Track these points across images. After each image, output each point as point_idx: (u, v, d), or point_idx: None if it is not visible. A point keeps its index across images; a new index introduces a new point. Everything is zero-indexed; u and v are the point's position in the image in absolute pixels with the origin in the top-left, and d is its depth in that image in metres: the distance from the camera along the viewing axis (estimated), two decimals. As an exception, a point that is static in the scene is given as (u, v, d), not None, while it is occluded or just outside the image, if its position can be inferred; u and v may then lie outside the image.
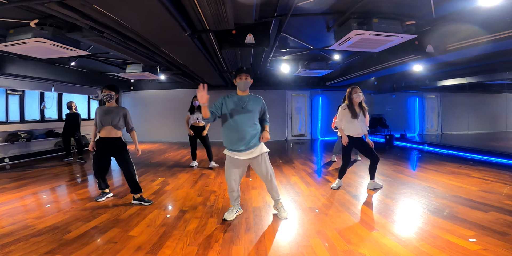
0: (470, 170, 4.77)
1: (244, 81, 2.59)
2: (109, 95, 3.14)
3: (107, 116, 3.13)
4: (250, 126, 2.54)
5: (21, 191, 3.75)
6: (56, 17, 3.16)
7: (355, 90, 3.51)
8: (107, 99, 3.16)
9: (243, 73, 2.58)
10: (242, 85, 2.60)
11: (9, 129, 6.06)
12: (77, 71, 7.19)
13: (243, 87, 2.61)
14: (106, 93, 3.12)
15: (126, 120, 3.25)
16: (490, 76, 7.55)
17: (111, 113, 3.14)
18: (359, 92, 3.50)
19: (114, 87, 3.19)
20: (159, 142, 9.81)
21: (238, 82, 2.60)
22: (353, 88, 3.54)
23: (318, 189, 3.74)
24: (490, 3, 2.89)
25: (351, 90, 3.53)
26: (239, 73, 2.59)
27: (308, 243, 2.20)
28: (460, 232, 2.31)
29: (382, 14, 3.42)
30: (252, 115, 2.56)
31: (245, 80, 2.59)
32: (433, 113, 11.52)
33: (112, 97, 3.16)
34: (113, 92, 3.16)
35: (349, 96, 3.54)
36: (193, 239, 2.28)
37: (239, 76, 2.58)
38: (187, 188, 3.86)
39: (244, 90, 2.64)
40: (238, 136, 2.52)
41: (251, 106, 2.58)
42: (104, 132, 3.14)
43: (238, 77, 2.59)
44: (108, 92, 3.12)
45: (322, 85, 9.96)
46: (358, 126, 3.50)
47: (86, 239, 2.29)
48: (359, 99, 3.51)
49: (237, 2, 2.75)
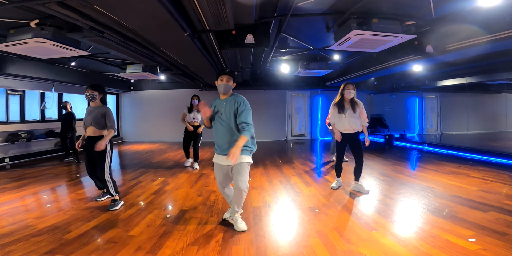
0: (469, 170, 4.77)
1: (224, 83, 2.39)
2: (91, 95, 3.08)
3: (89, 116, 3.10)
4: (227, 132, 2.39)
5: (21, 191, 3.75)
6: (56, 17, 3.16)
7: (348, 87, 3.49)
8: (89, 99, 3.10)
9: (224, 75, 2.41)
10: (221, 88, 2.41)
11: (9, 129, 6.06)
12: (77, 71, 7.19)
13: (223, 90, 2.41)
14: (89, 92, 3.07)
15: (105, 119, 3.12)
16: (490, 76, 7.55)
17: (92, 113, 3.09)
18: (351, 89, 3.47)
19: (98, 87, 3.13)
20: (159, 142, 9.81)
21: (218, 85, 2.43)
22: (346, 84, 3.51)
23: (318, 189, 3.74)
24: (490, 3, 2.89)
25: (344, 86, 3.52)
26: (220, 74, 2.43)
27: (308, 243, 2.20)
28: (460, 232, 2.32)
29: (382, 14, 3.43)
30: (228, 120, 2.37)
31: (226, 83, 2.39)
32: (433, 113, 11.53)
33: (94, 97, 3.09)
34: (96, 92, 3.09)
35: (341, 92, 3.54)
36: (193, 239, 2.28)
37: (220, 77, 2.41)
38: (187, 188, 3.87)
39: (225, 93, 2.44)
40: (217, 141, 2.46)
41: (227, 110, 2.39)
42: (89, 131, 3.12)
43: (219, 78, 2.41)
44: (90, 91, 3.07)
45: (322, 85, 9.96)
46: (345, 122, 3.50)
47: (86, 239, 2.30)
48: (349, 96, 3.48)
49: (237, 3, 2.76)
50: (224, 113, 2.39)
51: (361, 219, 2.70)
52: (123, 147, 8.93)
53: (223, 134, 2.40)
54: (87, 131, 3.13)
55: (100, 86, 3.15)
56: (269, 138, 10.23)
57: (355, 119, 3.51)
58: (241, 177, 2.35)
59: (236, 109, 2.36)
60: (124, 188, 3.90)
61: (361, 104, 3.56)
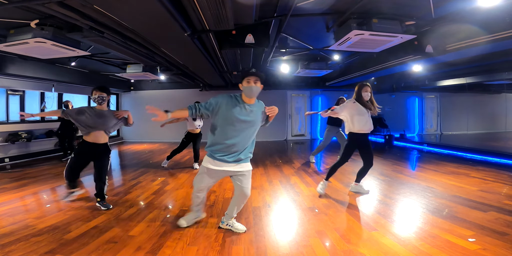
0: (469, 170, 4.78)
1: (252, 85, 2.10)
2: (101, 97, 2.87)
3: (100, 120, 2.89)
4: (249, 139, 2.23)
5: (21, 191, 3.75)
6: (57, 18, 3.16)
7: (366, 89, 3.32)
8: (99, 102, 2.89)
9: (252, 76, 2.11)
10: (249, 91, 2.10)
11: (9, 129, 6.06)
12: (78, 71, 7.20)
13: (252, 93, 2.11)
14: (97, 95, 2.86)
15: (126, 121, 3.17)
16: (490, 76, 7.56)
17: (103, 117, 2.90)
18: (369, 92, 3.33)
19: (106, 88, 2.94)
20: (159, 142, 9.81)
21: (245, 87, 2.11)
22: (364, 86, 3.34)
23: (318, 189, 3.74)
24: (490, 3, 2.89)
25: (361, 87, 3.34)
26: (246, 75, 2.12)
27: (308, 243, 2.21)
28: (460, 232, 2.32)
29: (382, 14, 3.43)
30: (256, 128, 2.23)
31: (254, 85, 2.10)
32: (433, 113, 11.54)
33: (104, 99, 2.91)
34: (105, 93, 2.91)
35: (358, 92, 3.36)
36: (193, 239, 2.29)
37: (247, 78, 2.11)
38: (187, 188, 3.87)
39: (251, 97, 2.15)
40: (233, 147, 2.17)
41: (257, 117, 2.20)
42: (92, 137, 2.91)
43: (245, 80, 2.11)
44: (99, 93, 2.86)
45: (322, 85, 9.96)
46: (369, 120, 3.34)
47: (86, 239, 2.30)
48: (367, 98, 3.34)
49: (237, 3, 2.76)
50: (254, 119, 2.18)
51: (361, 219, 2.70)
52: (123, 147, 8.93)
53: (244, 141, 2.18)
54: (92, 136, 2.91)
55: (107, 88, 2.99)
56: (269, 138, 10.23)
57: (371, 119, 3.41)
58: (249, 184, 2.32)
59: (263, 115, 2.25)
60: (124, 188, 3.90)
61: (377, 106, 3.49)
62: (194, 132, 5.10)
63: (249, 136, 2.20)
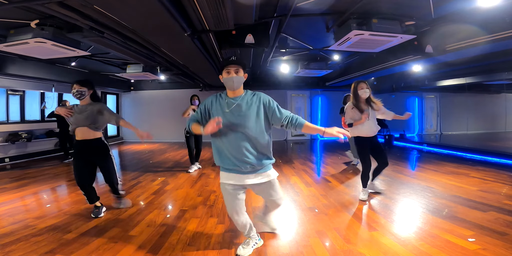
0: (469, 170, 4.78)
1: (233, 76, 1.80)
2: (79, 91, 2.68)
3: (80, 115, 2.71)
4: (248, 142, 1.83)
5: (21, 191, 3.76)
6: (57, 18, 3.16)
7: (361, 86, 3.13)
8: (77, 96, 2.70)
9: (230, 65, 1.81)
10: (231, 82, 1.81)
11: (9, 129, 6.07)
12: (78, 72, 7.20)
13: (234, 84, 1.81)
14: (76, 89, 2.66)
15: (104, 115, 2.77)
16: (489, 76, 7.56)
17: (83, 112, 2.72)
18: (365, 88, 3.12)
19: (86, 82, 2.75)
20: (159, 142, 9.82)
21: (225, 79, 1.82)
22: (359, 83, 3.16)
23: (318, 189, 3.74)
24: (489, 3, 2.90)
25: (356, 85, 3.15)
26: (225, 64, 1.83)
27: (308, 243, 2.21)
28: (459, 232, 2.32)
29: (382, 14, 3.43)
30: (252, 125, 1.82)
31: (235, 75, 1.81)
32: (433, 113, 11.54)
33: (83, 94, 2.71)
34: (85, 87, 2.71)
35: (355, 92, 3.17)
36: (193, 239, 2.29)
37: (226, 69, 1.82)
38: (187, 188, 3.87)
39: (235, 89, 1.85)
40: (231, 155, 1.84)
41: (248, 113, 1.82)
42: (80, 134, 2.72)
43: (225, 70, 1.82)
44: (78, 87, 2.67)
45: (322, 85, 9.97)
46: (366, 125, 3.16)
47: (86, 238, 2.30)
48: (365, 96, 3.15)
49: (237, 3, 2.76)
50: (242, 117, 1.81)
51: (360, 219, 2.70)
52: (123, 147, 8.94)
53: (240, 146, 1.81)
54: (77, 133, 2.73)
55: (88, 81, 2.79)
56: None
57: (375, 120, 3.20)
58: (279, 194, 2.05)
59: (266, 110, 1.86)
60: (124, 188, 3.89)
61: (379, 102, 3.25)
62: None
63: (248, 137, 1.81)
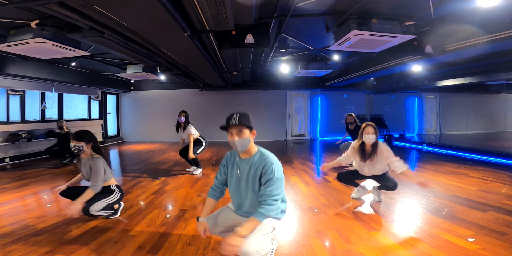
0: (469, 170, 4.78)
1: (234, 140, 1.66)
2: (77, 147, 2.54)
3: (83, 170, 2.69)
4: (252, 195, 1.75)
5: (21, 191, 3.76)
6: (57, 18, 3.16)
7: (367, 131, 2.88)
8: (76, 152, 2.59)
9: (232, 127, 1.66)
10: (235, 146, 1.68)
11: (10, 129, 6.07)
12: (78, 72, 7.20)
13: (238, 148, 1.68)
14: (73, 144, 2.54)
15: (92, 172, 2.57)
16: (489, 77, 7.57)
17: (85, 167, 2.65)
18: (370, 133, 2.86)
19: (81, 137, 2.56)
20: (159, 142, 9.82)
21: (230, 142, 1.70)
22: (366, 127, 2.91)
23: (318, 189, 3.75)
24: (489, 3, 2.90)
25: (363, 130, 2.92)
26: (227, 126, 1.68)
27: (308, 243, 2.21)
28: (459, 232, 2.32)
29: (381, 14, 3.44)
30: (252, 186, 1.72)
31: (237, 138, 1.66)
32: (432, 113, 11.55)
33: (81, 149, 2.55)
34: (82, 142, 2.55)
35: (360, 134, 2.96)
36: (193, 239, 2.29)
37: (229, 130, 1.68)
38: (187, 188, 3.87)
39: (241, 152, 1.73)
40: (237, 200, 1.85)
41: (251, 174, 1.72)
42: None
43: (228, 132, 1.70)
44: (75, 143, 2.54)
45: (322, 86, 9.97)
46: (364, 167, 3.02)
47: (87, 238, 2.30)
48: (369, 142, 2.90)
49: (237, 3, 2.76)
50: (245, 178, 1.74)
51: (360, 219, 2.70)
52: (123, 147, 8.94)
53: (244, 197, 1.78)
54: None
55: (84, 134, 2.61)
56: (269, 138, 10.24)
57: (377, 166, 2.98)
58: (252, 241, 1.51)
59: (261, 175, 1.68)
60: (124, 188, 3.90)
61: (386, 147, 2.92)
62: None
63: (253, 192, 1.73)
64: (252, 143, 1.74)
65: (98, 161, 2.60)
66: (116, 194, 2.74)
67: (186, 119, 4.73)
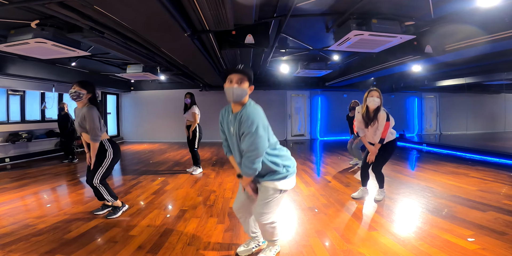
0: (468, 170, 4.79)
1: (233, 86, 1.66)
2: (77, 92, 2.53)
3: (77, 120, 2.65)
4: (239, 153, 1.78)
5: (21, 190, 3.76)
6: (57, 18, 3.17)
7: (371, 94, 2.99)
8: (73, 98, 2.56)
9: (234, 73, 1.68)
10: (229, 93, 1.67)
11: (10, 129, 6.07)
12: (78, 72, 7.20)
13: (232, 96, 1.66)
14: (74, 90, 2.52)
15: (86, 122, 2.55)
16: (489, 77, 7.58)
17: (78, 116, 2.62)
18: (375, 97, 2.96)
19: (87, 84, 2.61)
20: (159, 142, 9.82)
21: (226, 88, 1.70)
22: (370, 91, 3.03)
23: (318, 189, 3.75)
24: (489, 4, 2.90)
25: (368, 93, 3.03)
26: (228, 73, 1.71)
27: (308, 243, 2.21)
28: (459, 232, 2.33)
29: (381, 14, 3.44)
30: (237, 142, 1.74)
31: (236, 85, 1.66)
32: (432, 113, 11.55)
33: (80, 96, 2.54)
34: (84, 90, 2.57)
35: (365, 99, 3.06)
36: (193, 239, 2.29)
37: (229, 78, 1.70)
38: (187, 188, 3.88)
39: (235, 102, 1.70)
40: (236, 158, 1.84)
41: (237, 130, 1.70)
42: (85, 138, 2.69)
43: (228, 79, 1.70)
44: (77, 88, 2.53)
45: (322, 86, 9.97)
46: (369, 133, 3.11)
47: (87, 238, 2.30)
48: (374, 106, 2.99)
49: (237, 3, 2.77)
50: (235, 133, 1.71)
51: (360, 218, 2.71)
52: (123, 147, 8.93)
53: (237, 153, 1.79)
54: (83, 137, 2.71)
55: (90, 84, 2.65)
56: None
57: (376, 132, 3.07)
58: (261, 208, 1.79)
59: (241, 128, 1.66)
60: (124, 188, 3.90)
61: (383, 116, 3.00)
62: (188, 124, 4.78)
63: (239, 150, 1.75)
64: (247, 97, 1.73)
65: (92, 110, 2.58)
66: (108, 155, 2.70)
67: (193, 100, 4.80)
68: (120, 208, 2.89)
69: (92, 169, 2.69)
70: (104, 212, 2.90)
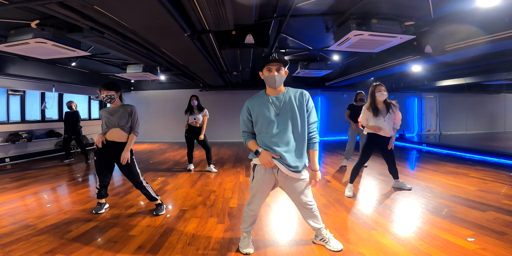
0: (468, 170, 4.79)
1: (274, 74, 1.80)
2: (109, 95, 2.71)
3: (113, 117, 2.75)
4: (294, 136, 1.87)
5: (22, 190, 3.76)
6: (57, 18, 3.17)
7: (379, 88, 3.31)
8: (108, 101, 2.74)
9: (272, 63, 1.80)
10: (272, 81, 1.81)
11: (10, 129, 6.07)
12: (78, 72, 7.21)
13: (276, 83, 1.82)
14: (105, 94, 2.69)
15: (132, 118, 2.80)
16: (488, 77, 7.58)
17: (116, 113, 2.76)
18: (383, 91, 3.30)
19: (112, 85, 2.73)
20: (159, 142, 9.82)
21: (267, 77, 1.83)
22: (377, 86, 3.34)
23: (318, 189, 3.75)
24: (489, 4, 2.91)
25: (374, 88, 3.34)
26: (266, 62, 1.81)
27: (308, 243, 2.21)
28: (459, 232, 2.33)
29: (381, 14, 3.44)
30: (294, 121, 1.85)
31: (277, 73, 1.81)
32: (432, 113, 11.55)
33: (113, 97, 2.73)
34: (112, 91, 2.72)
35: (372, 94, 3.36)
36: (193, 239, 2.29)
37: (267, 67, 1.82)
38: (187, 188, 3.88)
39: (277, 87, 1.86)
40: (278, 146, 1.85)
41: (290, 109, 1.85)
42: (110, 135, 2.78)
43: (266, 68, 1.82)
44: (106, 92, 2.69)
45: (321, 86, 9.97)
46: (385, 125, 3.35)
47: (87, 238, 2.30)
48: (382, 98, 3.34)
49: (237, 3, 2.77)
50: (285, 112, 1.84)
51: (360, 218, 2.71)
52: (123, 147, 8.93)
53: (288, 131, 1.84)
54: (109, 135, 2.78)
55: (113, 84, 2.77)
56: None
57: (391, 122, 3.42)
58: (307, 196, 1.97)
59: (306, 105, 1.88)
60: (124, 188, 3.90)
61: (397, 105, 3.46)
62: (194, 125, 4.81)
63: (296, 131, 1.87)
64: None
65: (135, 108, 2.85)
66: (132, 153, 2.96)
67: (199, 102, 4.90)
68: (163, 204, 3.00)
69: (129, 172, 2.85)
70: (103, 211, 2.95)
